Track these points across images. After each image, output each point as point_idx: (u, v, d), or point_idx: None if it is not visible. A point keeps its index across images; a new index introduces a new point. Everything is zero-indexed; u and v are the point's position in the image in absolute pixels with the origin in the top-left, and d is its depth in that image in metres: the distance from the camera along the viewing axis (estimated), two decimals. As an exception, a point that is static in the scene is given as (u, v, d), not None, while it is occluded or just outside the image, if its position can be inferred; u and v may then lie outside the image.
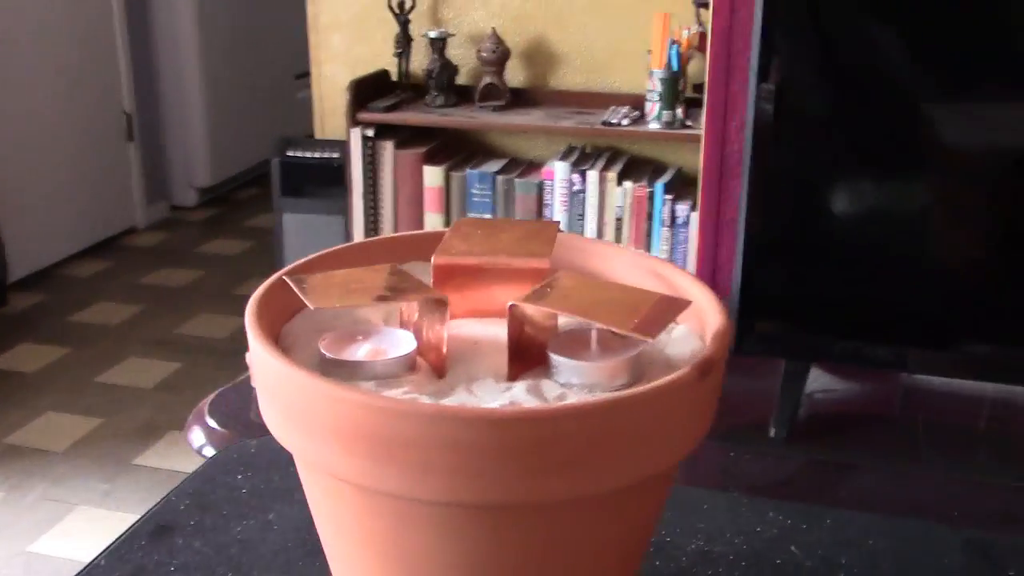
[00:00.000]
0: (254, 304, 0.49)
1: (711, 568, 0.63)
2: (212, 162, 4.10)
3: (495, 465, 0.41)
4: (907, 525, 0.68)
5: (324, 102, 2.49)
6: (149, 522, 0.68)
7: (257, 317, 0.48)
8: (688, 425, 0.45)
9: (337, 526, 0.48)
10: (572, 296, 0.48)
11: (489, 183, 2.22)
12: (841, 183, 0.87)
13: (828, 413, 0.89)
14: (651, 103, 2.09)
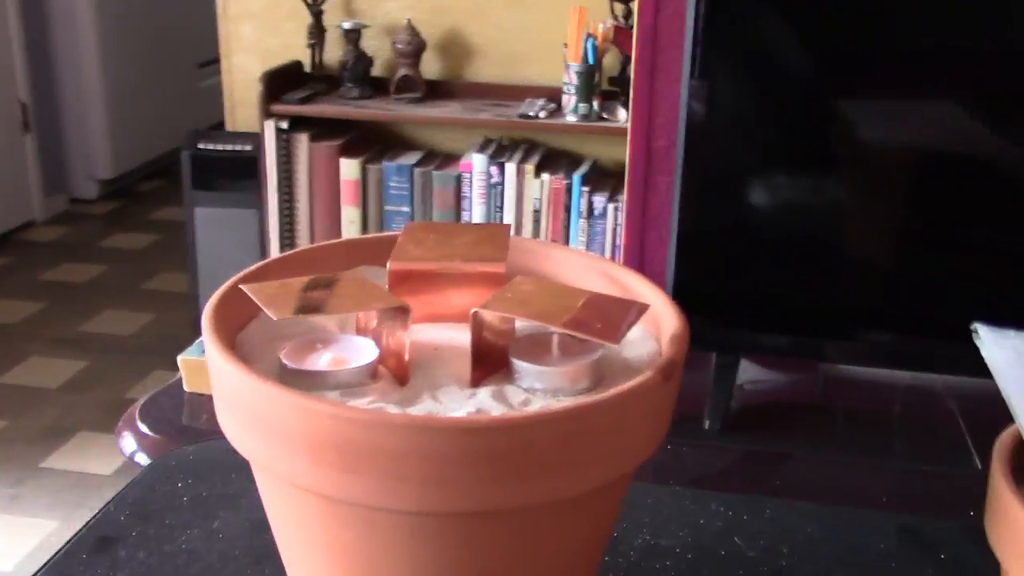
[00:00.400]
0: (210, 312, 0.49)
1: (659, 561, 0.65)
2: (113, 153, 3.99)
3: (467, 473, 0.41)
4: (843, 513, 0.71)
5: (235, 93, 2.44)
6: (89, 534, 0.66)
7: (214, 326, 0.48)
8: (653, 426, 0.46)
9: (300, 536, 0.48)
10: (532, 301, 0.48)
11: (407, 176, 2.21)
12: (764, 180, 0.90)
13: (758, 404, 0.92)
14: (568, 96, 2.11)
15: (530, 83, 2.29)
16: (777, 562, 0.65)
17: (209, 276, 2.37)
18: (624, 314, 0.48)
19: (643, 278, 0.55)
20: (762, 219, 0.90)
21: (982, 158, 0.88)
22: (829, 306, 0.90)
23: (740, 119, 0.88)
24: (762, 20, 0.85)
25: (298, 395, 0.41)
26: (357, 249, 0.58)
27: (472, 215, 2.19)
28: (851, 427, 0.90)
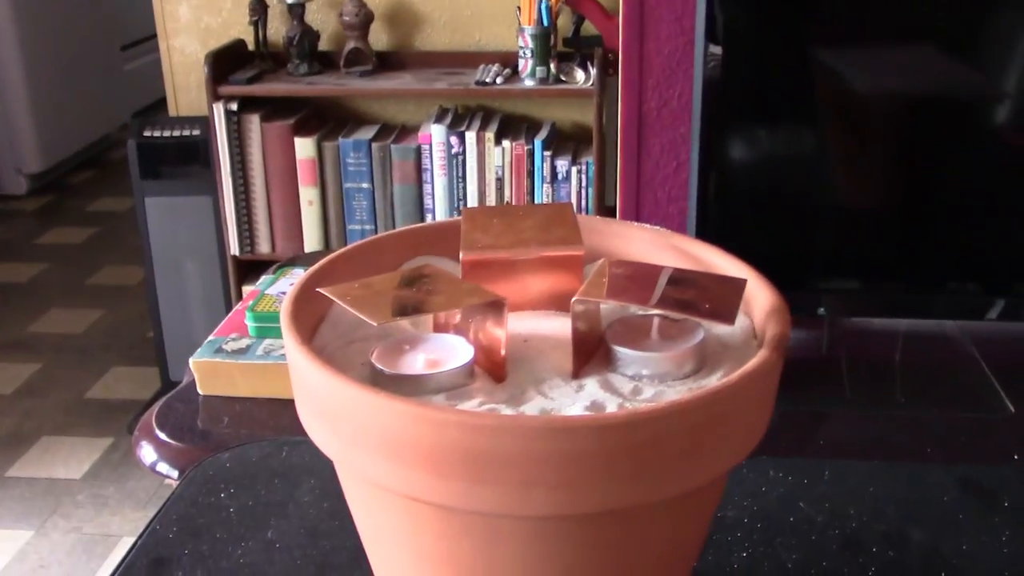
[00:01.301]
0: (288, 317, 0.46)
1: (730, 534, 0.64)
2: (40, 145, 3.85)
3: (599, 473, 0.39)
4: (900, 469, 0.70)
5: (175, 76, 2.36)
6: (141, 557, 0.63)
7: (295, 331, 0.45)
8: (768, 405, 0.45)
9: (408, 547, 0.46)
10: (630, 285, 0.46)
11: (364, 151, 2.16)
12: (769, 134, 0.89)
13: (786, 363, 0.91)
14: (523, 60, 2.07)
15: (482, 49, 2.25)
16: (847, 525, 0.65)
17: (164, 267, 2.30)
18: (728, 292, 0.46)
19: (722, 250, 0.53)
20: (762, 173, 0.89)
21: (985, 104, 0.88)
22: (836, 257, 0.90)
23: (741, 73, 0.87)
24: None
25: (419, 404, 0.39)
26: (414, 239, 0.56)
27: (434, 187, 2.15)
28: (879, 380, 0.90)
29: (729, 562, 0.61)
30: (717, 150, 0.86)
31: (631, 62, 1.08)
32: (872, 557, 0.62)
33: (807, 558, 0.62)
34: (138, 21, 4.03)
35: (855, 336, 0.97)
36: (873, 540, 0.63)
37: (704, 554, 0.62)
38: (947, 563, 0.61)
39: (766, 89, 0.87)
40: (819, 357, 0.93)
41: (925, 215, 0.89)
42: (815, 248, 0.92)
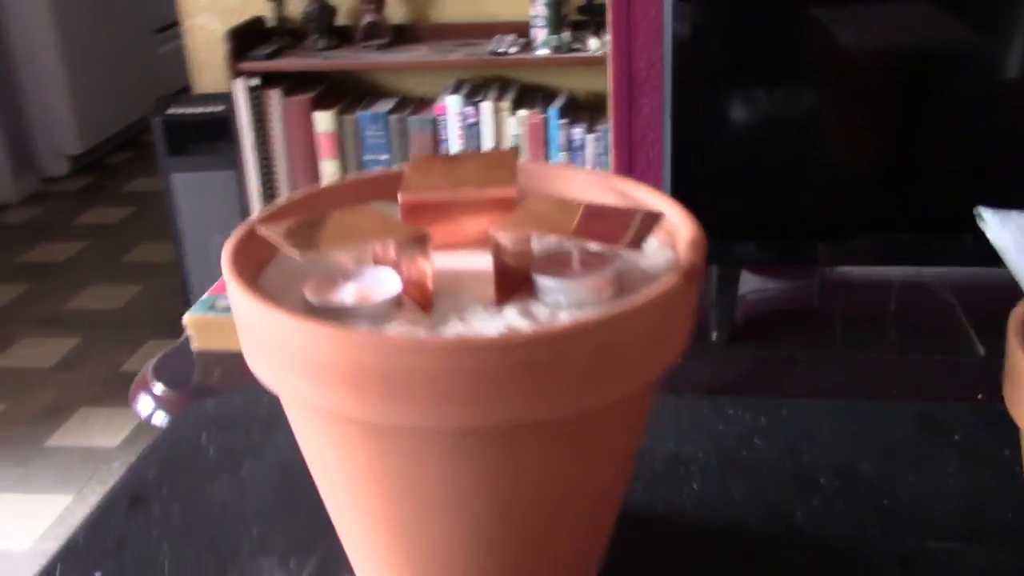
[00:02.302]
0: (229, 256, 0.49)
1: (683, 468, 0.66)
2: (80, 128, 3.94)
3: (508, 389, 0.42)
4: (859, 407, 0.72)
5: (198, 55, 2.41)
6: (121, 493, 0.66)
7: (235, 269, 0.48)
8: (680, 331, 0.47)
9: (344, 469, 0.49)
10: (550, 218, 0.48)
11: (382, 124, 2.19)
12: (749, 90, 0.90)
13: (762, 313, 0.93)
14: (537, 29, 2.09)
15: (496, 20, 2.26)
16: (799, 459, 0.67)
17: (193, 243, 2.36)
18: (637, 222, 0.48)
19: (652, 189, 0.55)
20: (750, 129, 0.91)
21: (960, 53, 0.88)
22: (822, 211, 0.91)
23: (724, 29, 0.88)
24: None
25: (338, 328, 0.42)
26: (366, 186, 0.58)
27: (451, 158, 2.18)
28: (854, 327, 0.91)
29: (679, 494, 0.64)
30: (690, 105, 0.87)
31: (619, 23, 1.09)
32: (819, 489, 0.64)
33: (755, 491, 0.64)
34: (170, 5, 4.11)
35: (835, 286, 0.98)
36: (822, 473, 0.65)
37: (654, 487, 0.64)
38: (892, 493, 0.63)
39: (740, 42, 0.88)
40: (794, 306, 0.95)
41: (902, 161, 0.90)
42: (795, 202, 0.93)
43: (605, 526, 0.55)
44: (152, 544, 0.61)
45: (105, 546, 0.61)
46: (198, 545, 0.61)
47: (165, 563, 0.60)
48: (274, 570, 0.59)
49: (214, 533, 0.62)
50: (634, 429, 0.50)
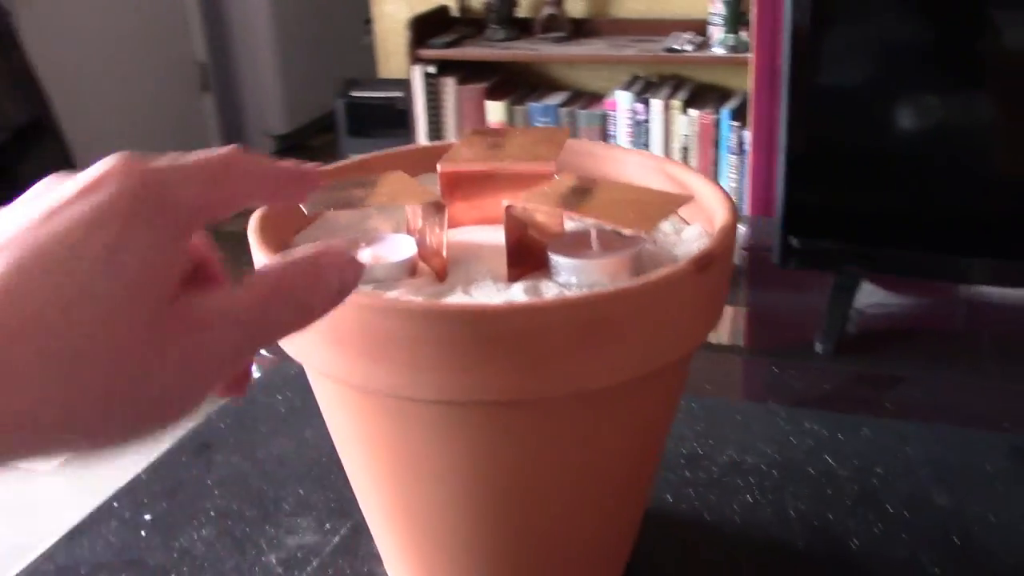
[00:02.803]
0: (257, 218, 0.50)
1: (741, 478, 0.63)
2: (285, 109, 4.15)
3: (481, 361, 0.41)
4: (949, 433, 0.66)
5: (386, 42, 2.49)
6: (191, 440, 0.70)
7: (260, 230, 0.49)
8: (687, 322, 0.44)
9: (342, 429, 0.49)
10: (568, 195, 0.47)
11: (552, 116, 2.20)
12: (888, 89, 0.84)
13: (879, 328, 0.87)
14: (714, 27, 2.04)
15: (676, 16, 2.22)
16: (868, 481, 0.62)
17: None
18: (662, 205, 0.46)
19: (701, 175, 0.53)
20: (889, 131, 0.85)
21: None
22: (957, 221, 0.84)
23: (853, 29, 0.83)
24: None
25: (318, 284, 0.42)
26: (417, 156, 0.58)
27: (618, 154, 2.16)
28: (981, 351, 0.84)
29: (729, 504, 0.61)
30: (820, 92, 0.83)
31: (765, 17, 1.04)
32: (884, 516, 0.59)
33: (813, 509, 0.60)
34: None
35: (968, 305, 0.91)
36: (891, 499, 0.60)
37: (706, 493, 0.61)
38: (965, 531, 0.57)
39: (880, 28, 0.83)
40: (913, 324, 0.88)
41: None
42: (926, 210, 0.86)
43: (624, 521, 0.53)
44: (204, 491, 0.64)
45: (161, 489, 0.64)
46: (245, 497, 0.63)
47: (211, 510, 0.62)
48: (308, 530, 0.60)
49: (263, 487, 0.64)
50: (648, 421, 0.48)
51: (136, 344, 0.28)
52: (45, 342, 0.26)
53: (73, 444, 0.28)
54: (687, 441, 0.66)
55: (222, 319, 0.30)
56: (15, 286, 0.26)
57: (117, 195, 0.29)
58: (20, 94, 2.65)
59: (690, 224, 0.52)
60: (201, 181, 0.31)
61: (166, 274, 0.29)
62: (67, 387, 0.27)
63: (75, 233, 0.28)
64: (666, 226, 0.52)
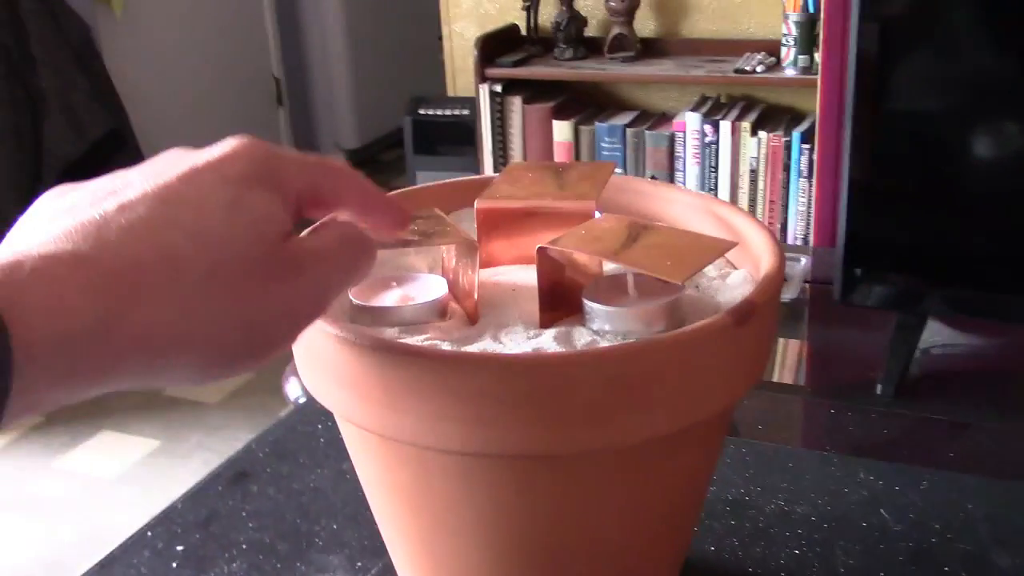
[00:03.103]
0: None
1: (789, 529, 0.60)
2: (358, 124, 4.19)
3: (508, 414, 0.39)
4: (1013, 487, 0.63)
5: (455, 60, 2.49)
6: (228, 469, 0.69)
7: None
8: (726, 375, 0.42)
9: (369, 477, 0.48)
10: (605, 238, 0.45)
11: (619, 136, 2.18)
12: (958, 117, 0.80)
13: (944, 370, 0.83)
14: (786, 48, 2.00)
15: (748, 37, 2.19)
16: (925, 539, 0.59)
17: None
18: (702, 253, 0.44)
19: (750, 217, 0.50)
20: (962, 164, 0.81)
21: None
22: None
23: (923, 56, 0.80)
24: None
25: (338, 327, 0.41)
26: (459, 191, 0.57)
27: (686, 175, 2.13)
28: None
29: (776, 557, 0.58)
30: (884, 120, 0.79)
31: (833, 40, 1.01)
32: (939, 575, 0.56)
33: (864, 566, 0.57)
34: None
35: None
36: (949, 558, 0.57)
37: (751, 545, 0.59)
38: (1028, 596, 0.54)
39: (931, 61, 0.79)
40: (983, 366, 0.84)
41: None
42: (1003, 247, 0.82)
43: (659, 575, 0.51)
44: (238, 523, 0.63)
45: (196, 519, 0.64)
46: (279, 530, 0.62)
47: (243, 543, 0.61)
48: (340, 568, 0.59)
49: (298, 520, 0.63)
50: (677, 478, 0.46)
51: (250, 277, 0.32)
52: (174, 269, 0.31)
53: (183, 370, 0.32)
54: (734, 487, 0.64)
55: (314, 258, 0.35)
56: (155, 221, 0.31)
57: (243, 166, 0.34)
58: (99, 106, 2.72)
59: (736, 268, 0.50)
60: (311, 172, 0.36)
61: (277, 227, 0.34)
62: (187, 312, 0.31)
63: (207, 187, 0.33)
64: (710, 270, 0.50)
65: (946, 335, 0.87)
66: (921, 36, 0.79)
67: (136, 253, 0.30)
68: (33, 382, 0.28)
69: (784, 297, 0.92)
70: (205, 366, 0.32)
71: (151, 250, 0.31)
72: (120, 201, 0.32)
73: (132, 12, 3.03)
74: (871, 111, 0.79)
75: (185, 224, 0.32)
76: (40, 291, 0.29)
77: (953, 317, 0.88)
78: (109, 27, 2.96)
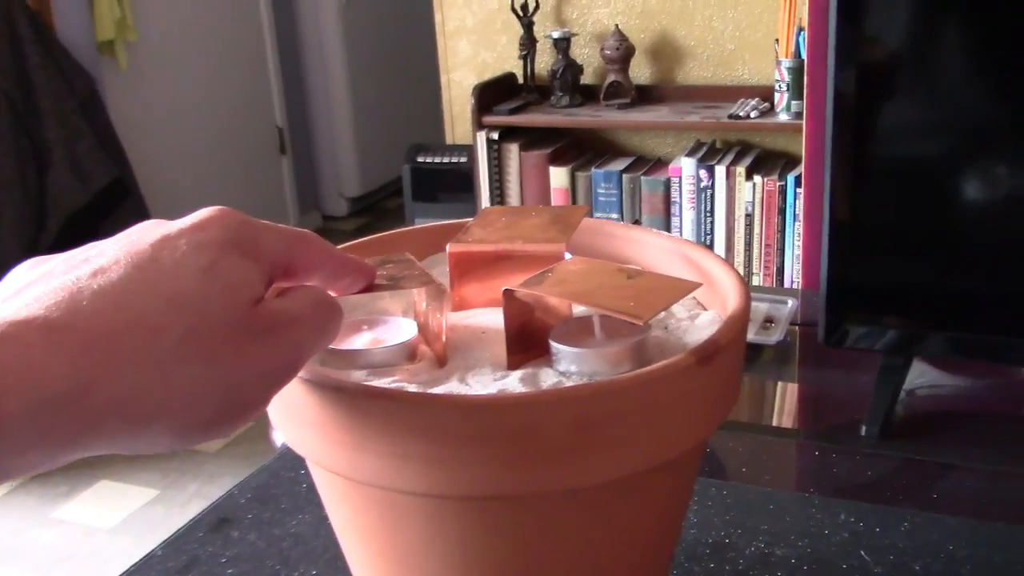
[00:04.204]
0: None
1: (768, 572, 0.60)
2: (360, 172, 4.23)
3: (471, 455, 0.39)
4: (998, 530, 0.62)
5: (453, 108, 2.52)
6: (210, 515, 0.69)
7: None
8: (691, 414, 0.42)
9: (339, 520, 0.48)
10: (571, 280, 0.45)
11: (615, 182, 2.19)
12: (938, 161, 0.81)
13: (930, 411, 0.83)
14: (779, 93, 2.02)
15: (742, 83, 2.21)
16: (906, 581, 0.58)
17: (429, 285, 2.45)
18: (665, 292, 0.44)
19: (720, 260, 0.51)
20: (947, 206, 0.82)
21: None
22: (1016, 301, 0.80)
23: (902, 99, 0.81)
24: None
25: (303, 369, 0.41)
26: (432, 235, 0.58)
27: (682, 220, 2.14)
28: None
29: (755, 600, 0.57)
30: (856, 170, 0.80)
31: (817, 84, 1.02)
32: (920, 619, 0.55)
33: (844, 609, 0.56)
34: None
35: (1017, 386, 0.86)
36: (930, 601, 0.57)
37: (730, 588, 0.58)
38: (1008, 638, 0.53)
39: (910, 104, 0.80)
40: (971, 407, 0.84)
41: None
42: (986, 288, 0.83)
43: (633, 621, 0.50)
44: (217, 568, 0.63)
45: (176, 565, 0.64)
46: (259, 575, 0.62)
47: (221, 589, 0.61)
48: (318, 613, 0.59)
49: (277, 567, 0.63)
50: (653, 516, 0.46)
51: (226, 341, 0.33)
52: (150, 334, 0.31)
53: (160, 436, 0.32)
54: (714, 530, 0.64)
55: (288, 321, 0.35)
56: (129, 286, 0.31)
57: (218, 232, 0.34)
58: (104, 156, 2.74)
59: (707, 310, 0.50)
60: (284, 241, 0.37)
61: (251, 291, 0.34)
62: (163, 378, 0.31)
63: (181, 252, 0.33)
64: (680, 311, 0.50)
65: (932, 376, 0.87)
66: (899, 80, 0.80)
67: (110, 319, 0.30)
68: (8, 448, 0.28)
69: (771, 340, 0.92)
70: (182, 430, 0.32)
71: (126, 315, 0.31)
72: (94, 267, 0.32)
73: (136, 65, 3.07)
74: (852, 155, 0.79)
75: (159, 289, 0.32)
76: (10, 356, 0.28)
77: (938, 358, 0.88)
78: (114, 80, 3.00)
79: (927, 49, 0.81)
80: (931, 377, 0.87)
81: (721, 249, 2.09)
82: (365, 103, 4.10)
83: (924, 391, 0.85)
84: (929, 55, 0.81)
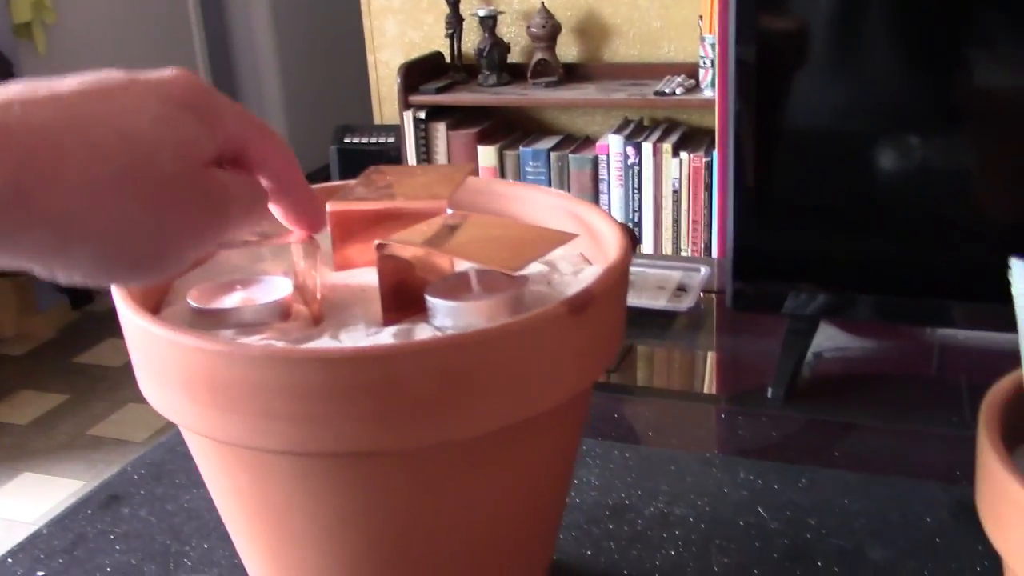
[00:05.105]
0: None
1: (667, 531, 0.59)
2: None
3: (333, 410, 0.38)
4: (892, 484, 0.63)
5: (380, 88, 2.49)
6: (100, 492, 0.67)
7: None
8: (564, 367, 0.41)
9: (214, 486, 0.46)
10: (445, 234, 0.44)
11: (543, 160, 2.18)
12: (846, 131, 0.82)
13: (835, 373, 0.84)
14: (704, 70, 2.02)
15: (668, 61, 2.21)
16: (800, 535, 0.58)
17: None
18: (538, 243, 0.43)
19: (606, 215, 0.50)
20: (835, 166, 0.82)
21: None
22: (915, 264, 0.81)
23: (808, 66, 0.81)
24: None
25: (165, 327, 0.40)
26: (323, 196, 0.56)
27: (610, 197, 2.14)
28: (943, 397, 0.80)
29: (652, 559, 0.57)
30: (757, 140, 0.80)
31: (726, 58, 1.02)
32: (813, 570, 0.55)
33: (739, 564, 0.56)
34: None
35: (934, 349, 0.87)
36: (824, 554, 0.57)
37: (628, 548, 0.58)
38: (897, 587, 0.54)
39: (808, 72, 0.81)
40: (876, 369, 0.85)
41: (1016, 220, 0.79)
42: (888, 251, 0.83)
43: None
44: (105, 545, 0.61)
45: (61, 544, 0.62)
46: (148, 552, 0.60)
47: (108, 566, 0.59)
48: (208, 586, 0.57)
49: (168, 542, 0.61)
50: (533, 471, 0.45)
51: (164, 188, 0.34)
52: (93, 158, 0.32)
53: (81, 261, 0.33)
54: (614, 492, 0.63)
55: (223, 193, 0.36)
56: (82, 112, 0.32)
57: (180, 92, 0.35)
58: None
59: (592, 264, 0.50)
60: (244, 123, 0.37)
61: (199, 154, 0.35)
62: (97, 202, 0.32)
63: (141, 98, 0.34)
64: (564, 266, 0.49)
65: (839, 339, 0.88)
66: (803, 50, 0.81)
67: (59, 135, 0.31)
68: None
69: (682, 307, 0.92)
70: (104, 260, 0.33)
71: (74, 137, 0.32)
72: (53, 91, 0.33)
73: (56, 50, 2.99)
74: (755, 124, 0.79)
75: (113, 122, 0.33)
76: None
77: (845, 322, 0.89)
78: (32, 65, 2.91)
79: (830, 19, 0.81)
80: (837, 340, 0.88)
81: (650, 225, 2.10)
82: (294, 86, 4.04)
83: (830, 354, 0.86)
84: (832, 25, 0.81)
